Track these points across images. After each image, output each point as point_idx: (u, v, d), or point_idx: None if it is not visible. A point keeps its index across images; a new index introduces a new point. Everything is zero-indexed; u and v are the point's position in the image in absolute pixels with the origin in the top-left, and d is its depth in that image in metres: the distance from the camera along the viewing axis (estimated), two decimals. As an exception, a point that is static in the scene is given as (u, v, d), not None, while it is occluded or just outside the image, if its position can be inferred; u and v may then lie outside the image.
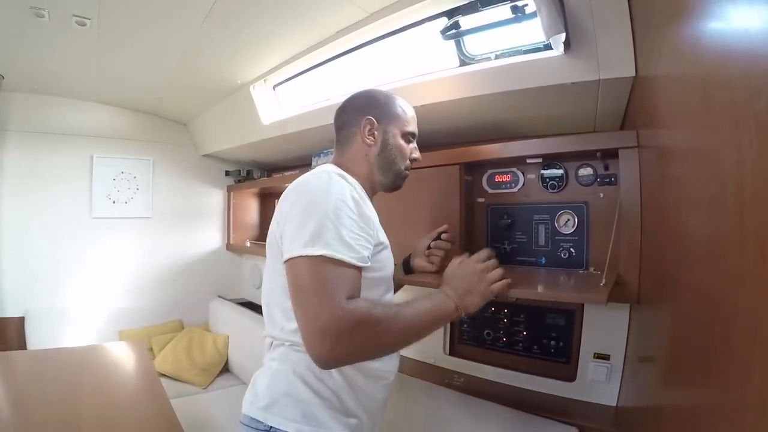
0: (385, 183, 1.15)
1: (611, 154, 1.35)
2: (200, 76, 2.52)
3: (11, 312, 2.76)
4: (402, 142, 1.15)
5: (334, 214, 0.89)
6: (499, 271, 1.08)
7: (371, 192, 1.14)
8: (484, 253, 1.13)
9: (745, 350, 0.44)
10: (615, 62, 1.23)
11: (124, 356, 2.22)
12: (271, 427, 0.94)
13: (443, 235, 1.40)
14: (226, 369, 2.92)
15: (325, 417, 0.96)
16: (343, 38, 1.83)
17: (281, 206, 0.99)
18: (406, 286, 1.48)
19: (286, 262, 0.91)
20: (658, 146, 0.98)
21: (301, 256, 0.87)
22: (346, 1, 1.60)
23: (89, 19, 1.86)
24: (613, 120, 1.52)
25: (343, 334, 0.83)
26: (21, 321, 2.75)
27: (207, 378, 2.75)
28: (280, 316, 1.00)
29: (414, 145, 1.20)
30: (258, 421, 0.97)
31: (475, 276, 1.06)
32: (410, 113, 1.19)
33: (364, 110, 1.13)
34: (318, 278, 0.85)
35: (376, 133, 1.12)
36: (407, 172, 1.18)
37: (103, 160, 3.12)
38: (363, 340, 0.87)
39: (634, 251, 1.20)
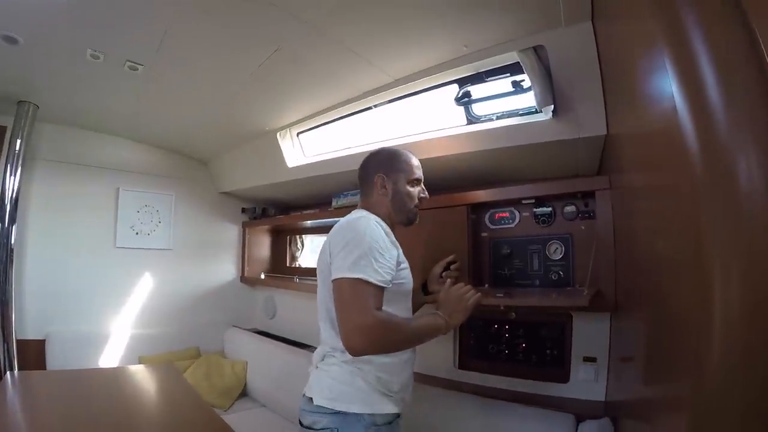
0: (401, 220, 1.48)
1: (590, 195, 1.71)
2: (232, 122, 2.75)
3: (32, 334, 2.78)
4: (409, 188, 1.47)
5: (369, 249, 1.22)
6: (472, 292, 1.43)
7: (392, 226, 1.44)
8: (461, 283, 1.49)
9: (693, 348, 0.53)
10: (591, 124, 1.56)
11: (161, 377, 2.37)
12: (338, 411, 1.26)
13: (452, 265, 1.78)
14: (243, 393, 3.06)
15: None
16: (367, 98, 2.16)
17: (332, 240, 1.31)
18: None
19: (334, 281, 1.23)
20: (623, 187, 1.26)
21: (345, 278, 1.20)
22: (375, 68, 1.92)
23: (141, 65, 2.05)
24: (592, 165, 1.83)
25: (371, 332, 1.16)
26: (41, 343, 2.78)
27: (227, 401, 2.91)
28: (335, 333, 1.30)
29: (421, 187, 1.52)
30: (326, 408, 1.28)
31: (457, 299, 1.41)
32: (414, 163, 1.51)
33: (376, 168, 1.48)
34: (355, 293, 1.19)
35: (387, 185, 1.45)
36: (416, 209, 1.49)
37: (129, 193, 3.30)
38: (384, 338, 1.22)
39: (609, 270, 1.51)
